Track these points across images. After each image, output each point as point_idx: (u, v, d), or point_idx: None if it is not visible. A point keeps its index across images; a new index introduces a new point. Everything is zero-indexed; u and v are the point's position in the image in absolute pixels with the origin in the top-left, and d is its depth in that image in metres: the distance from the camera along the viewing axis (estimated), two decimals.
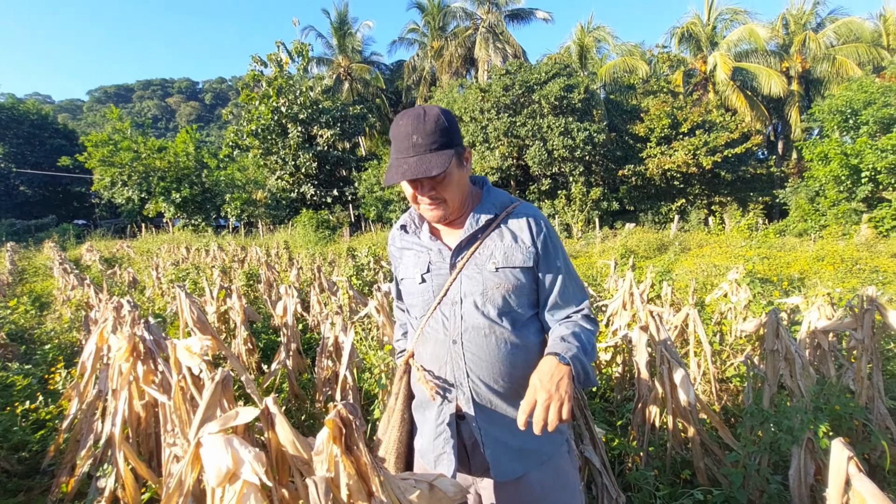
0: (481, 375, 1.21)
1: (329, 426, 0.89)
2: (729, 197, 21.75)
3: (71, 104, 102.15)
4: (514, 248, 1.23)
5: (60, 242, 17.47)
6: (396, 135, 1.16)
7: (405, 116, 1.17)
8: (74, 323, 4.59)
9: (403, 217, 1.44)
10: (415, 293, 1.31)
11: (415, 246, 1.34)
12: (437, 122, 1.15)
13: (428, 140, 1.13)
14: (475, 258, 1.24)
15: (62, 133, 33.88)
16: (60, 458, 2.39)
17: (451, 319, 1.23)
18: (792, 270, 8.13)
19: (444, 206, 1.21)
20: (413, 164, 1.13)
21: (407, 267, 1.34)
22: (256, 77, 23.30)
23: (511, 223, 1.27)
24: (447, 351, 1.24)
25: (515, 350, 1.22)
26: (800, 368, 1.99)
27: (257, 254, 9.95)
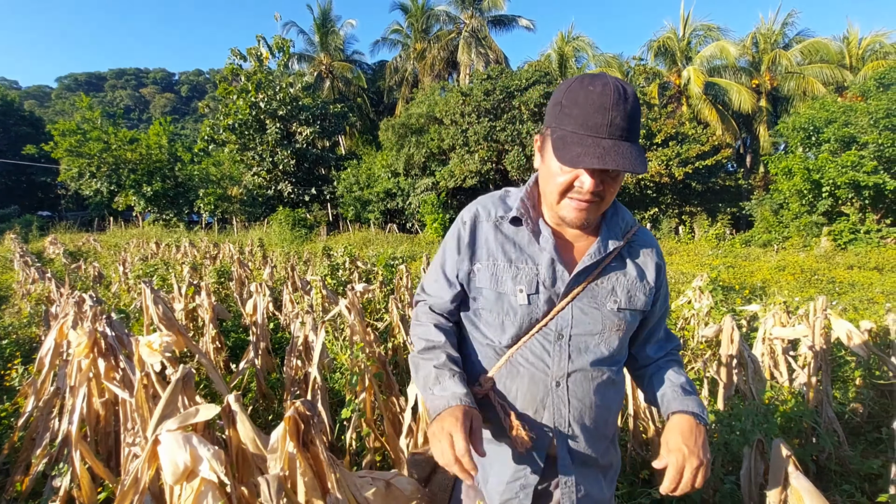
0: (583, 424, 1.06)
1: (287, 423, 0.90)
2: (699, 207, 22.44)
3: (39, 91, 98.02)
4: (639, 288, 1.08)
5: (22, 234, 16.74)
6: (584, 103, 0.91)
7: (598, 83, 0.91)
8: (34, 318, 4.42)
9: (498, 200, 1.13)
10: (509, 313, 1.05)
11: (520, 248, 1.07)
12: (637, 106, 0.93)
13: (628, 124, 0.91)
14: (594, 289, 1.05)
15: (28, 120, 32.53)
16: (15, 456, 2.32)
17: (553, 356, 1.04)
18: (755, 279, 8.46)
19: (596, 208, 0.99)
20: (611, 150, 0.89)
21: (502, 276, 1.06)
22: (235, 71, 22.88)
23: (634, 254, 1.10)
24: (548, 394, 1.04)
25: (615, 395, 1.12)
26: (752, 373, 2.09)
27: (230, 251, 9.76)
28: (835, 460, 2.53)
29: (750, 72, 25.45)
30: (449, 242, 1.14)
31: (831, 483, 2.44)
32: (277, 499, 0.87)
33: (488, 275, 1.06)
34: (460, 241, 1.11)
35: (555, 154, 0.93)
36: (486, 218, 1.10)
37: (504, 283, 1.05)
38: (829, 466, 2.53)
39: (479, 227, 1.10)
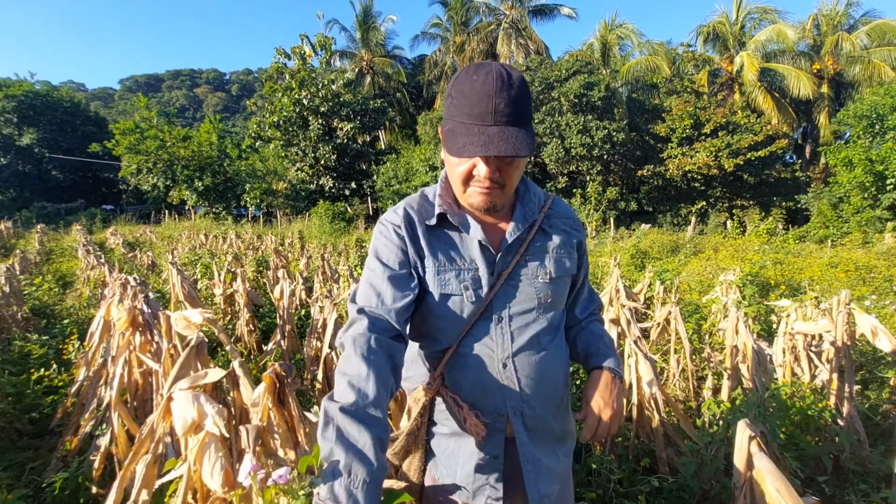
0: (534, 398, 1.06)
1: (265, 381, 1.02)
2: (751, 201, 21.28)
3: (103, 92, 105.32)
4: (564, 256, 1.12)
5: (87, 226, 18.17)
6: (468, 93, 0.92)
7: (482, 72, 0.92)
8: (92, 300, 4.86)
9: (422, 199, 1.11)
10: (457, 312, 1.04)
11: (454, 246, 1.06)
12: (523, 89, 0.93)
13: (512, 109, 0.91)
14: (524, 266, 1.07)
15: (93, 120, 34.99)
16: (67, 419, 2.60)
17: (496, 339, 1.04)
18: (803, 276, 8.00)
19: (498, 193, 1.00)
20: (495, 137, 0.90)
21: (445, 276, 1.04)
22: (280, 69, 23.70)
23: (554, 225, 1.14)
24: (497, 377, 1.04)
25: (559, 361, 1.12)
26: (756, 364, 2.05)
27: (272, 242, 10.23)
28: (854, 459, 2.44)
29: (810, 56, 23.80)
30: (384, 249, 1.06)
31: (848, 483, 2.35)
32: (254, 445, 0.98)
33: (432, 276, 1.04)
34: (402, 241, 1.05)
35: (444, 145, 0.97)
36: (419, 221, 1.07)
37: (449, 283, 1.04)
38: (847, 466, 2.43)
39: (416, 228, 1.06)
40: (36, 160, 31.66)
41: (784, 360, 2.72)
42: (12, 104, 30.22)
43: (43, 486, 2.15)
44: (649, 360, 2.24)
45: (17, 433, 2.72)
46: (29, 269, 7.76)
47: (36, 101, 31.22)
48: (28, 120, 30.92)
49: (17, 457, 2.45)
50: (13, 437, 2.67)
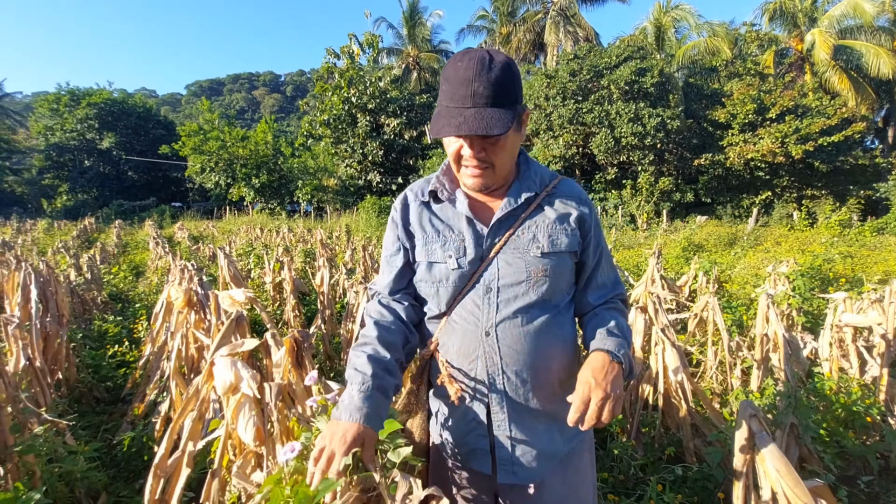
0: (518, 370, 1.09)
1: (286, 344, 1.15)
2: (823, 190, 19.64)
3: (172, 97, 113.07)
4: (560, 231, 1.12)
5: (158, 221, 19.72)
6: (452, 78, 0.99)
7: (465, 58, 0.99)
8: (159, 286, 5.34)
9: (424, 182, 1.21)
10: (442, 280, 1.13)
11: (444, 219, 1.16)
12: (504, 73, 0.97)
13: (491, 91, 0.96)
14: (515, 241, 1.11)
15: (163, 124, 37.69)
16: (136, 389, 2.92)
17: (482, 309, 1.10)
18: (877, 271, 7.38)
19: (490, 173, 1.06)
20: (470, 118, 0.96)
21: (432, 246, 1.14)
22: (330, 69, 24.47)
23: (554, 202, 1.15)
24: (479, 344, 1.10)
25: (553, 339, 1.11)
26: (786, 354, 1.98)
27: (321, 236, 10.68)
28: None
29: (891, 32, 21.57)
30: (388, 232, 1.23)
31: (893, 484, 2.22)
32: (276, 400, 1.12)
33: (420, 247, 1.15)
34: (396, 225, 1.20)
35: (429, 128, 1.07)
36: (413, 199, 1.19)
37: (434, 252, 1.13)
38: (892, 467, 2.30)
39: (409, 208, 1.19)
40: (114, 162, 34.57)
41: (830, 354, 2.59)
42: (94, 111, 33.16)
43: (114, 444, 2.45)
44: (676, 349, 2.22)
45: (96, 400, 3.09)
46: (108, 260, 8.57)
47: (114, 108, 34.06)
48: (107, 125, 33.81)
49: (95, 420, 2.79)
50: (92, 403, 3.04)
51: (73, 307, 4.26)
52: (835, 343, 2.58)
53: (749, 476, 1.22)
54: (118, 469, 2.36)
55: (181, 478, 1.45)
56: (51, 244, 11.04)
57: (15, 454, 1.64)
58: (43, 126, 33.35)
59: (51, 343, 2.76)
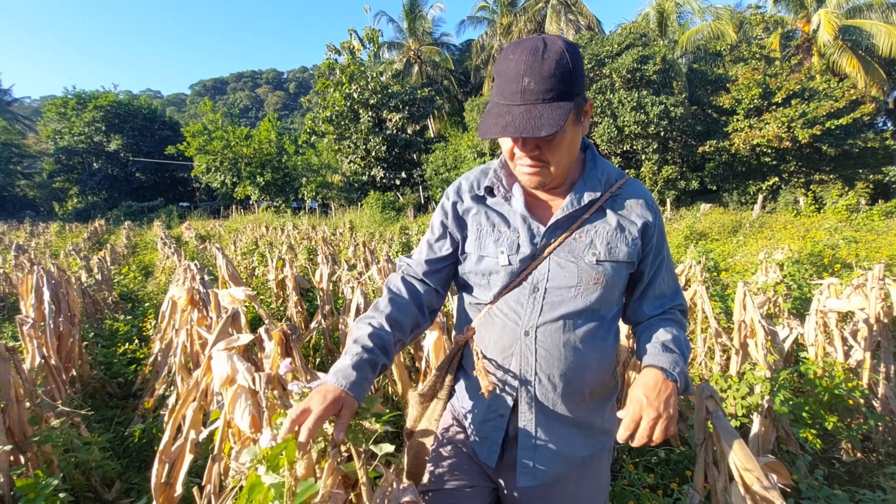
0: (551, 374, 1.07)
1: (275, 337, 1.25)
2: (832, 175, 19.39)
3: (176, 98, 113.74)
4: (620, 239, 1.06)
5: (166, 222, 20.01)
6: (504, 72, 0.93)
7: (518, 49, 0.92)
8: (167, 286, 5.49)
9: (479, 172, 1.17)
10: (492, 273, 1.10)
11: (500, 213, 1.11)
12: (560, 63, 0.90)
13: (544, 86, 0.90)
14: (571, 243, 1.06)
15: (168, 125, 38.05)
16: (145, 384, 3.06)
17: (526, 308, 1.07)
18: (881, 255, 7.35)
19: (546, 171, 1.01)
20: (519, 117, 0.90)
21: (485, 240, 1.11)
22: (331, 65, 24.54)
23: (618, 206, 1.09)
24: (516, 341, 1.08)
25: (592, 351, 1.08)
26: (762, 340, 2.04)
27: (324, 232, 10.81)
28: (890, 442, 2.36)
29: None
30: (436, 216, 1.19)
31: (879, 465, 2.29)
32: (265, 388, 1.22)
33: (473, 240, 1.13)
34: (446, 213, 1.16)
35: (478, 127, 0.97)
36: (469, 190, 1.15)
37: (487, 247, 1.10)
38: (879, 447, 2.36)
39: (462, 199, 1.15)
40: (122, 164, 35.00)
41: (816, 339, 2.65)
42: (101, 114, 33.55)
43: (126, 436, 2.58)
44: None
45: (108, 395, 3.23)
46: (118, 261, 8.77)
47: (120, 110, 34.43)
48: (114, 128, 34.21)
49: (108, 413, 2.93)
50: (105, 398, 3.19)
51: (85, 307, 4.41)
52: (819, 328, 2.64)
53: (707, 453, 1.30)
54: (130, 459, 2.49)
55: (185, 463, 1.56)
56: (63, 246, 11.29)
57: (34, 444, 1.77)
58: (52, 130, 33.82)
59: (64, 342, 2.90)
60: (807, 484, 1.85)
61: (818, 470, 2.03)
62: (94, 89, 36.52)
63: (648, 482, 1.93)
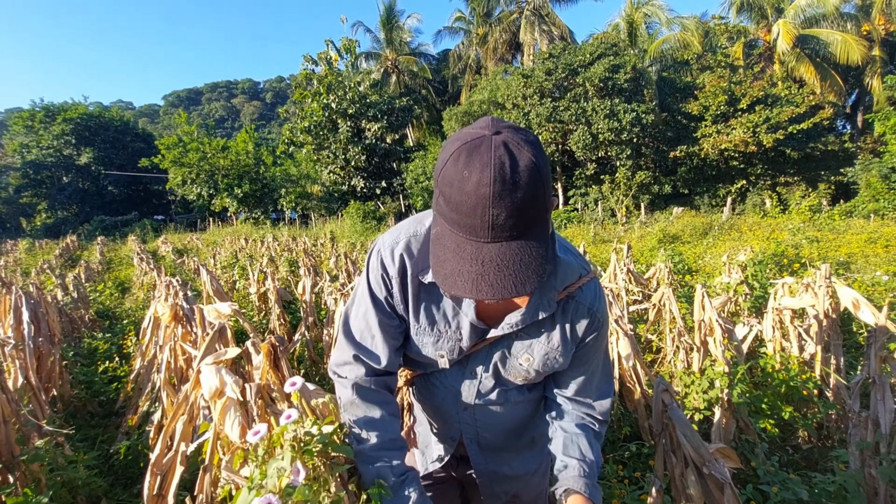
0: (493, 434, 1.14)
1: (263, 349, 1.32)
2: (796, 177, 20.26)
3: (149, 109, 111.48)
4: (558, 352, 1.01)
5: (141, 236, 19.58)
6: (459, 195, 0.71)
7: (476, 165, 0.69)
8: (146, 302, 5.44)
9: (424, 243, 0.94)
10: (430, 365, 1.08)
11: (441, 309, 0.98)
12: (533, 186, 0.69)
13: (519, 219, 0.71)
14: (513, 342, 1.01)
15: (141, 137, 37.31)
16: (128, 402, 3.06)
17: (464, 388, 1.08)
18: (840, 253, 7.74)
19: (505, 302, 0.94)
20: (492, 264, 0.72)
21: (423, 338, 1.01)
22: (308, 76, 24.52)
23: (566, 317, 0.99)
24: (457, 413, 1.11)
25: (525, 409, 1.15)
26: (719, 337, 2.20)
27: (305, 244, 10.78)
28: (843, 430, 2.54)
29: (856, 18, 22.30)
30: (376, 287, 0.99)
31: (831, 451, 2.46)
32: (256, 398, 1.29)
33: (412, 331, 1.01)
34: (388, 291, 0.98)
35: (430, 262, 0.81)
36: (413, 274, 0.95)
37: (425, 346, 1.01)
38: (833, 435, 2.54)
39: (406, 280, 0.96)
40: (93, 177, 34.12)
41: (773, 335, 2.83)
42: (70, 127, 32.72)
43: (111, 454, 2.59)
44: (628, 337, 2.43)
45: (90, 414, 3.22)
46: (93, 278, 8.59)
47: (90, 123, 33.63)
48: (84, 140, 33.38)
49: (90, 433, 2.92)
50: (87, 417, 3.17)
51: (62, 326, 4.35)
52: (776, 325, 2.83)
53: (666, 442, 1.43)
54: (116, 476, 2.50)
55: (176, 475, 1.62)
56: (34, 264, 10.98)
57: (21, 463, 1.79)
58: (18, 144, 32.78)
59: (44, 362, 2.88)
60: (764, 469, 2.00)
61: (774, 457, 2.19)
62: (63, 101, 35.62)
63: (620, 474, 2.05)
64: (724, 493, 1.25)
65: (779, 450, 2.44)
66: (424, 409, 1.19)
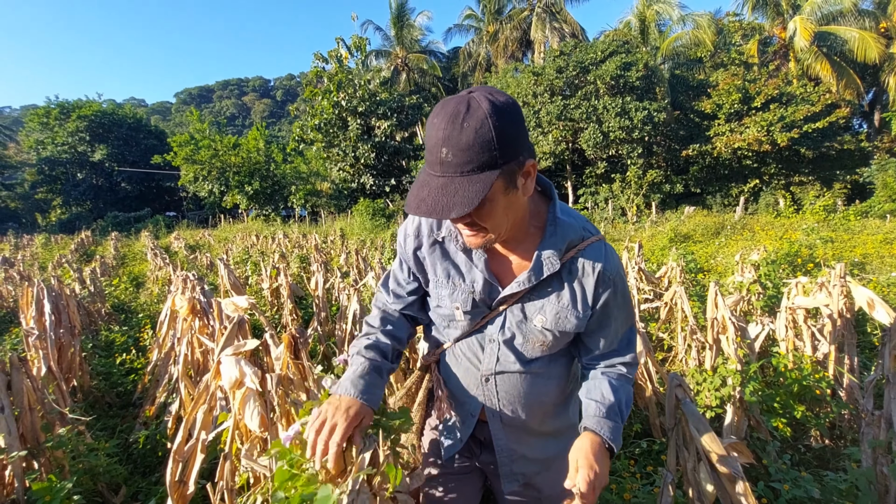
0: (514, 409, 1.15)
1: (284, 339, 1.36)
2: (811, 176, 19.98)
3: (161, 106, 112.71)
4: (570, 311, 1.05)
5: (154, 232, 19.85)
6: (427, 138, 0.87)
7: (441, 112, 0.85)
8: (160, 296, 5.53)
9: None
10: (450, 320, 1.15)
11: (456, 264, 1.10)
12: (479, 132, 0.82)
13: (462, 158, 0.83)
14: (524, 303, 1.07)
15: (154, 134, 37.70)
16: (145, 393, 3.12)
17: (484, 356, 1.13)
18: (855, 254, 7.64)
19: (485, 236, 0.97)
20: (435, 192, 0.85)
21: (441, 292, 1.12)
22: (319, 73, 24.62)
23: (574, 276, 1.05)
24: (478, 386, 1.15)
25: (547, 384, 1.16)
26: (732, 335, 2.20)
27: (316, 240, 10.87)
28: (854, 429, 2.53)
29: (874, 15, 21.89)
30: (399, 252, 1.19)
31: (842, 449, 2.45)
32: (276, 388, 1.33)
33: (432, 287, 1.14)
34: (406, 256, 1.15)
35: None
36: (428, 234, 1.11)
37: (442, 298, 1.12)
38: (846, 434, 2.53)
39: (422, 243, 1.12)
40: (107, 174, 34.59)
41: (786, 335, 2.82)
42: (84, 124, 33.17)
43: (130, 443, 2.65)
44: (640, 335, 2.44)
45: (108, 405, 3.29)
46: (108, 272, 8.74)
47: (104, 120, 34.07)
48: (99, 137, 33.82)
49: (109, 423, 2.99)
50: (105, 408, 3.24)
51: (80, 319, 4.44)
52: (789, 324, 2.81)
53: (678, 437, 1.44)
54: (135, 465, 2.56)
55: (196, 462, 1.66)
56: (50, 258, 11.19)
57: (46, 450, 1.85)
58: (34, 140, 33.33)
59: (65, 352, 2.96)
60: (775, 467, 2.00)
61: (786, 455, 2.19)
62: (77, 98, 36.12)
63: (631, 469, 2.06)
64: (736, 486, 1.26)
65: (791, 448, 2.43)
66: (449, 385, 1.21)
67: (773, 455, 2.11)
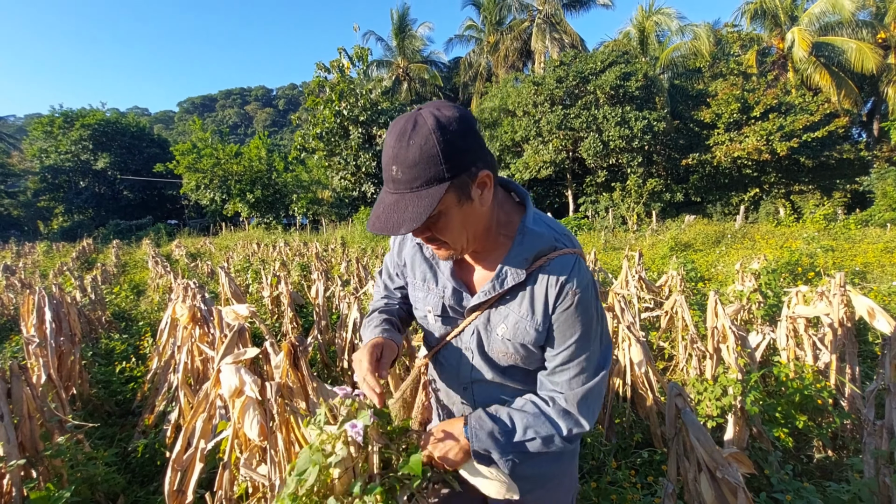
0: None
1: (284, 348, 1.36)
2: (810, 185, 20.04)
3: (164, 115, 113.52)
4: (527, 322, 1.02)
5: (155, 240, 19.89)
6: (382, 156, 0.89)
7: (392, 130, 0.87)
8: (161, 304, 5.53)
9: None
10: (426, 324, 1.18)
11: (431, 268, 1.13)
12: (424, 148, 0.83)
13: (409, 175, 0.85)
14: (490, 313, 1.06)
15: (157, 142, 37.93)
16: (144, 402, 3.11)
17: (462, 365, 1.13)
18: (856, 263, 7.64)
19: (447, 248, 0.98)
20: (388, 209, 0.87)
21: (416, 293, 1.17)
22: (321, 83, 24.81)
23: (535, 288, 1.01)
24: (459, 392, 1.17)
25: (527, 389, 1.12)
26: (732, 344, 2.20)
27: (316, 249, 10.88)
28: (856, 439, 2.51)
29: (872, 25, 22.08)
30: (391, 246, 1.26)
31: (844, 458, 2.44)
32: (276, 396, 1.33)
33: (409, 290, 1.20)
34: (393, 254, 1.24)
35: None
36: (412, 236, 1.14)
37: (417, 301, 1.16)
38: (849, 444, 2.52)
39: (406, 244, 1.19)
40: (109, 182, 34.76)
41: (787, 344, 2.81)
42: (88, 132, 33.40)
43: (129, 452, 2.64)
44: (640, 344, 2.44)
45: (107, 413, 3.28)
46: (109, 280, 8.74)
47: (107, 129, 34.30)
48: (101, 146, 34.03)
49: (108, 431, 2.98)
50: (104, 416, 3.23)
51: (81, 327, 4.44)
52: (790, 333, 2.81)
53: (679, 446, 1.43)
54: (133, 474, 2.55)
55: (195, 471, 1.65)
56: (52, 266, 11.21)
57: (45, 458, 1.84)
58: (37, 148, 33.53)
59: (65, 360, 2.96)
60: (777, 478, 1.98)
61: (788, 465, 2.17)
62: (81, 107, 36.37)
63: (632, 479, 2.05)
64: (737, 497, 1.25)
65: (793, 459, 2.42)
66: (437, 390, 1.23)
67: (775, 465, 2.09)
